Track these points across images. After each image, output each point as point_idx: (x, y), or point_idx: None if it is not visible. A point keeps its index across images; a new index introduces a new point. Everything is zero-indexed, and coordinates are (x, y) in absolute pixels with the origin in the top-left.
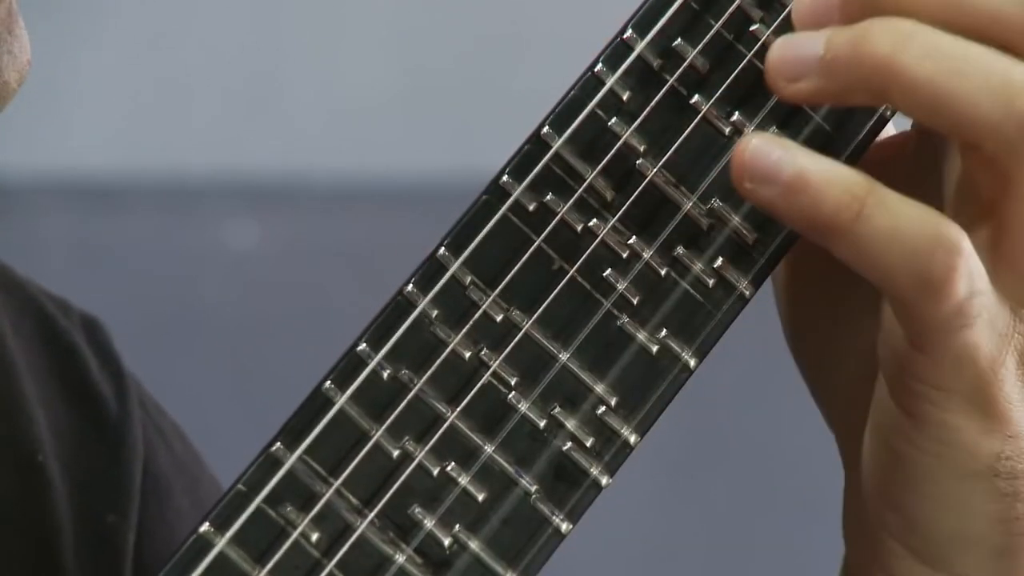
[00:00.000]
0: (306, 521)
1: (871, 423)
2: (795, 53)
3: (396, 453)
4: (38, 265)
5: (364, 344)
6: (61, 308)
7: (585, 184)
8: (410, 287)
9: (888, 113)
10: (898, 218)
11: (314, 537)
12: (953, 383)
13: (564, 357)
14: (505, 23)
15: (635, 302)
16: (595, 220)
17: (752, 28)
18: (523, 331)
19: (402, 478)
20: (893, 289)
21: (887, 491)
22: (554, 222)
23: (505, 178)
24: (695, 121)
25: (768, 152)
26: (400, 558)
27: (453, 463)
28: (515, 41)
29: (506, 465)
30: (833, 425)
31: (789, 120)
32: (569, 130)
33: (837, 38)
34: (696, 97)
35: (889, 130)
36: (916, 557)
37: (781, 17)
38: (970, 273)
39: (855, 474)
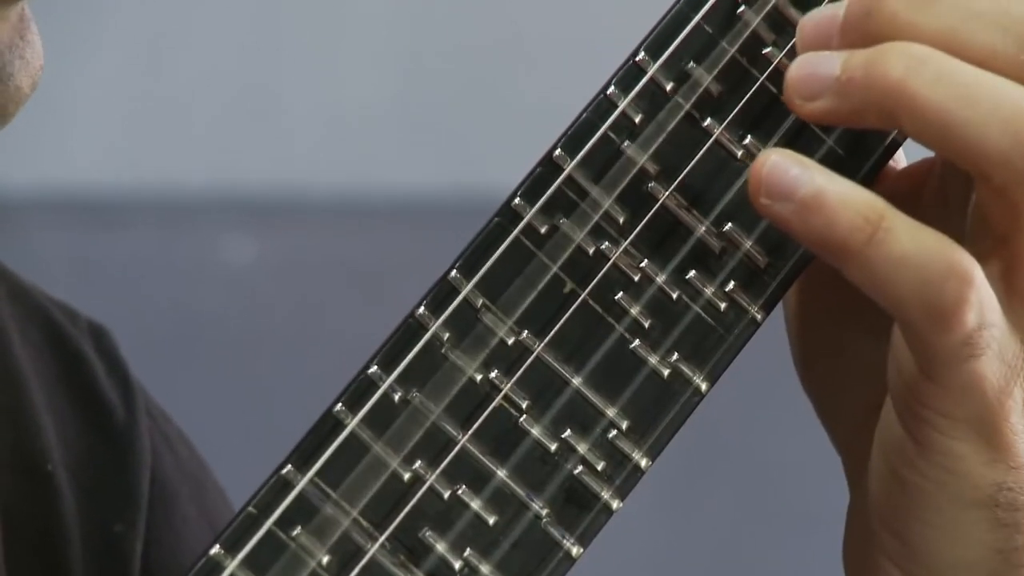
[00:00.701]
0: (317, 544)
1: (876, 445)
2: (812, 72)
3: (407, 476)
4: (35, 279)
5: (375, 367)
6: (68, 315)
7: (599, 208)
8: (421, 309)
9: (900, 138)
10: (911, 245)
11: (325, 560)
12: (959, 411)
13: (576, 380)
14: (505, 36)
15: (647, 325)
16: (607, 243)
17: (765, 51)
18: (535, 354)
19: (413, 501)
20: (903, 316)
21: (888, 515)
22: (568, 246)
23: (517, 200)
24: (708, 144)
25: (786, 168)
26: None
27: (464, 486)
28: (514, 54)
29: (517, 489)
30: (840, 448)
31: (801, 143)
32: (581, 153)
33: (853, 60)
34: (709, 120)
35: (899, 157)
36: None
37: (794, 40)
38: (981, 304)
39: (859, 496)
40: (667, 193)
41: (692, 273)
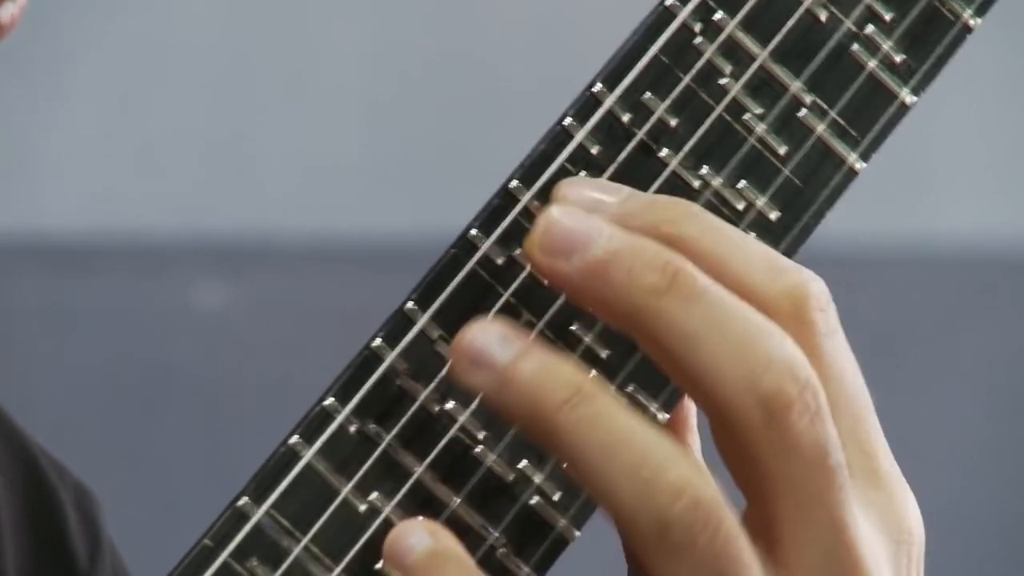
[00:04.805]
0: None
1: None
2: (482, 350)
3: (363, 508)
4: (7, 326)
5: (331, 398)
6: (57, 470)
7: None
8: (378, 341)
9: (858, 166)
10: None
11: None
12: None
13: None
14: (474, 85)
15: (603, 356)
16: None
17: (722, 82)
18: None
19: (369, 533)
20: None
21: None
22: (522, 276)
23: (473, 232)
24: (664, 175)
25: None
26: None
27: (420, 518)
28: (482, 101)
29: (473, 519)
30: None
31: (757, 173)
32: (537, 184)
33: (525, 363)
34: (665, 151)
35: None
36: None
37: (751, 71)
38: None
39: None
40: None
41: None
